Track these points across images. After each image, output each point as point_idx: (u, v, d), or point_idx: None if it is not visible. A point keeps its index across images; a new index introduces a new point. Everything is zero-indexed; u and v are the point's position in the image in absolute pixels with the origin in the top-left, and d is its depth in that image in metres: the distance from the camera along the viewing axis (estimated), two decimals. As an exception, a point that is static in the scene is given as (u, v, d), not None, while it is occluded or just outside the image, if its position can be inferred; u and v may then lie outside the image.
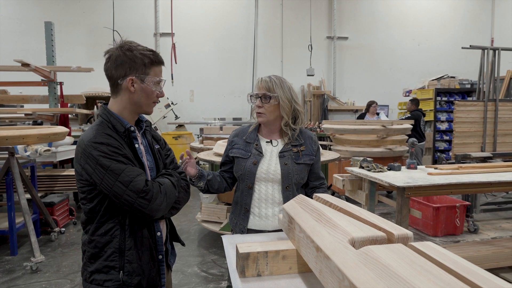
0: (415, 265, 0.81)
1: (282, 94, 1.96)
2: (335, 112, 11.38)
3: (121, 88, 1.55)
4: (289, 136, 2.05)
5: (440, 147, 9.25)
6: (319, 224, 1.20)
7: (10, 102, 6.71)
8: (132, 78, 1.53)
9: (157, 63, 1.58)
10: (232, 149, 2.10)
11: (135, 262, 1.54)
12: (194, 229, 5.22)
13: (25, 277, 3.76)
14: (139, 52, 1.53)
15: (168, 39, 10.43)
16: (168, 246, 1.79)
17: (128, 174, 1.45)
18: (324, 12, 11.30)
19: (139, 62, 1.53)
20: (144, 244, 1.57)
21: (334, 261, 0.92)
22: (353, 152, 6.03)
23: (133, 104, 1.58)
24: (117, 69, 1.53)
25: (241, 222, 2.03)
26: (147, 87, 1.56)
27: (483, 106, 4.62)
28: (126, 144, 1.55)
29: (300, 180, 2.02)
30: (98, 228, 1.54)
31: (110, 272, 1.52)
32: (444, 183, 2.90)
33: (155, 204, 1.48)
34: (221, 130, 6.93)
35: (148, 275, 1.57)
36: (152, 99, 1.60)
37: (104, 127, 1.53)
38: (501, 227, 4.09)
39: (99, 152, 1.45)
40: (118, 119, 1.56)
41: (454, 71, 10.62)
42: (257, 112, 2.01)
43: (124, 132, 1.55)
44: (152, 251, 1.59)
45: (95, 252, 1.54)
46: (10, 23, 9.91)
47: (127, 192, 1.44)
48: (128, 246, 1.53)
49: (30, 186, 4.52)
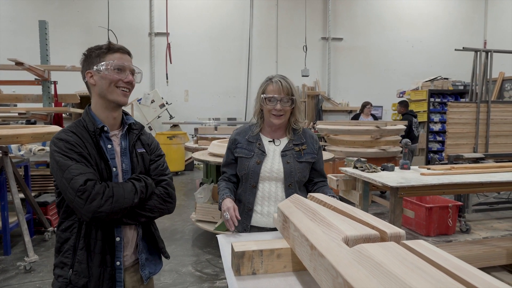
0: (407, 263, 0.83)
1: (296, 95, 2.02)
2: (329, 113, 11.43)
3: (89, 86, 1.61)
4: (291, 135, 2.08)
5: (433, 147, 9.32)
6: (314, 223, 1.21)
7: (3, 101, 6.66)
8: (89, 71, 1.58)
9: (111, 50, 1.57)
10: (236, 149, 2.10)
11: (84, 263, 1.51)
12: (188, 229, 5.22)
13: (18, 276, 3.74)
14: (95, 49, 1.58)
15: (163, 38, 10.41)
16: (142, 255, 1.69)
17: (71, 172, 1.43)
18: (319, 13, 11.35)
19: (94, 55, 1.57)
20: (97, 246, 1.53)
21: (328, 259, 0.93)
22: (347, 152, 6.07)
23: (100, 98, 1.59)
24: (82, 70, 1.62)
25: (244, 220, 2.05)
26: (104, 75, 1.55)
27: (476, 108, 4.67)
28: (93, 143, 1.55)
29: (302, 178, 2.05)
30: (61, 224, 1.58)
31: (64, 268, 1.54)
32: (437, 183, 2.93)
33: (91, 206, 1.41)
34: (216, 130, 6.94)
35: (96, 279, 1.52)
36: (113, 85, 1.56)
37: (76, 125, 1.58)
38: (492, 227, 4.14)
39: (56, 148, 1.49)
40: (92, 118, 1.58)
41: (447, 72, 10.72)
42: (276, 115, 2.00)
43: (93, 132, 1.55)
44: (105, 255, 1.54)
45: (57, 246, 1.58)
46: (4, 21, 9.85)
47: (69, 190, 1.43)
48: (81, 246, 1.52)
49: (23, 186, 4.50)
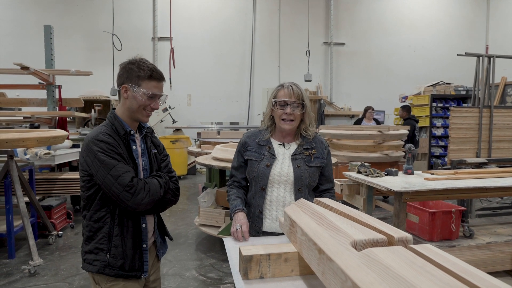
0: (416, 267, 0.85)
1: (307, 102, 2.05)
2: (331, 117, 11.45)
3: (121, 94, 1.79)
4: (300, 141, 2.09)
5: (435, 152, 9.31)
6: (321, 227, 1.23)
7: (8, 105, 6.71)
8: (125, 86, 1.75)
9: (151, 78, 1.74)
10: (246, 151, 2.12)
11: (120, 247, 1.75)
12: (192, 233, 5.23)
13: (23, 280, 3.76)
14: (138, 65, 1.74)
15: (166, 43, 10.47)
16: (158, 238, 1.99)
17: (118, 170, 1.67)
18: (321, 18, 11.40)
19: (134, 74, 1.73)
20: (129, 232, 1.78)
21: (337, 263, 0.95)
22: (350, 157, 6.07)
23: (127, 110, 1.79)
24: (120, 77, 1.79)
25: (257, 224, 2.07)
26: (136, 96, 1.74)
27: (478, 113, 4.68)
28: (124, 144, 1.77)
29: (311, 183, 2.08)
30: (92, 215, 1.77)
31: (99, 253, 1.75)
32: (441, 188, 2.94)
33: (137, 198, 1.68)
34: (219, 134, 6.95)
35: (130, 260, 1.77)
36: (141, 109, 1.77)
37: (108, 128, 1.77)
38: (495, 232, 4.14)
39: (98, 148, 1.68)
40: (120, 122, 1.80)
41: (449, 77, 10.72)
42: (286, 120, 2.01)
43: (124, 134, 1.78)
44: (135, 240, 1.79)
45: (90, 235, 1.78)
46: (9, 26, 9.93)
47: (115, 185, 1.65)
48: (116, 233, 1.75)
49: (28, 189, 4.52)
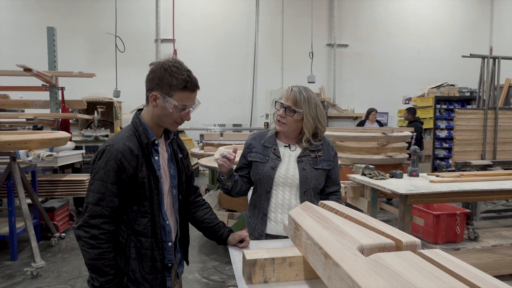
0: (426, 272, 0.82)
1: (307, 111, 1.95)
2: (335, 119, 11.41)
3: (148, 99, 1.63)
4: (304, 145, 2.03)
5: (439, 154, 9.27)
6: (327, 231, 1.20)
7: (11, 107, 6.72)
8: (155, 94, 1.59)
9: (184, 89, 1.59)
10: (250, 153, 2.08)
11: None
12: (194, 236, 5.21)
13: (25, 282, 3.74)
14: (172, 73, 1.57)
15: (169, 45, 10.46)
16: (178, 254, 1.86)
17: (98, 193, 1.54)
18: (324, 20, 11.38)
19: (166, 82, 1.57)
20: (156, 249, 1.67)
21: (344, 268, 0.92)
22: (353, 159, 6.03)
23: (155, 117, 1.64)
24: (149, 81, 1.61)
25: (260, 226, 2.03)
26: (166, 107, 1.59)
27: (483, 114, 4.65)
28: (144, 154, 1.61)
29: (317, 185, 2.02)
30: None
31: None
32: (447, 191, 2.91)
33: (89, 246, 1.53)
34: (222, 136, 6.93)
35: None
36: (171, 120, 1.64)
37: (130, 135, 1.62)
38: (501, 235, 4.10)
39: (105, 159, 1.55)
40: (145, 129, 1.64)
41: (453, 79, 10.67)
42: (278, 120, 1.99)
43: (146, 144, 1.62)
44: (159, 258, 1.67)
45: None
46: (12, 28, 9.96)
47: (88, 205, 1.54)
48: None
49: (31, 191, 4.51)
